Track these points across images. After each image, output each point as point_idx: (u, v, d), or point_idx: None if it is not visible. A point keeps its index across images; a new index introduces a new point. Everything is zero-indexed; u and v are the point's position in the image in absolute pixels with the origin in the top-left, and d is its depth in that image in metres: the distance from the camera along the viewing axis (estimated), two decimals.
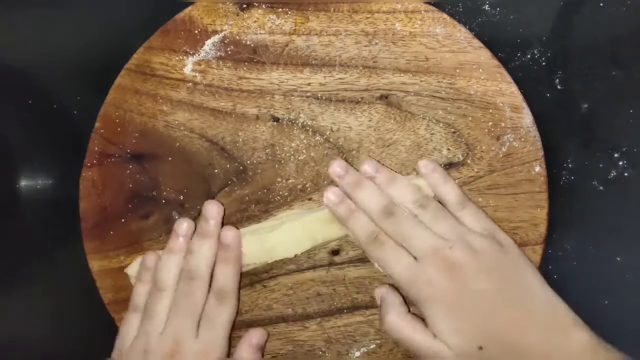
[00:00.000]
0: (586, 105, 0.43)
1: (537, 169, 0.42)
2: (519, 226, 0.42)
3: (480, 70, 0.41)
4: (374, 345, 0.44)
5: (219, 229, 0.42)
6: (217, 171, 0.44)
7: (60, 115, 0.48)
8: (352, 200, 0.41)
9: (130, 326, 0.43)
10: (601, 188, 0.43)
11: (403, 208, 0.40)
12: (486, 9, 0.43)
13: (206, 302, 0.41)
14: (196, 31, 0.43)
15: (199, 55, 0.43)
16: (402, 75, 0.42)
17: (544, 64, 0.43)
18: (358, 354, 0.44)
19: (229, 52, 0.43)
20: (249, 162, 0.44)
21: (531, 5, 0.43)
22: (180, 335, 0.40)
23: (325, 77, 0.43)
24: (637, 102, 0.42)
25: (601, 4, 0.42)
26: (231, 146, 0.44)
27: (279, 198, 0.44)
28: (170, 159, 0.44)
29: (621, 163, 0.42)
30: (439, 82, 0.42)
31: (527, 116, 0.41)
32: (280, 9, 0.43)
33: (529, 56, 0.43)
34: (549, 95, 0.43)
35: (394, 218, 0.39)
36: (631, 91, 0.42)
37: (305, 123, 0.43)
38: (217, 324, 0.41)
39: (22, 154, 0.49)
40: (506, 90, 0.41)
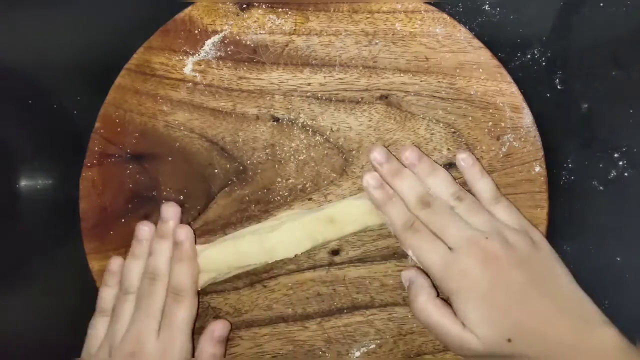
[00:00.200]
0: (586, 105, 0.43)
1: (537, 169, 0.42)
2: None
3: (480, 70, 0.41)
4: (374, 345, 0.44)
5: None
6: (217, 171, 0.44)
7: (60, 115, 0.47)
8: (390, 187, 0.41)
9: (97, 329, 0.43)
10: (601, 188, 0.43)
11: (440, 199, 0.40)
12: (486, 9, 0.43)
13: (165, 301, 0.42)
14: (196, 31, 0.43)
15: (199, 55, 0.43)
16: (402, 75, 0.42)
17: (544, 64, 0.43)
18: (358, 354, 0.44)
19: (229, 52, 0.43)
20: (249, 162, 0.44)
21: (531, 5, 0.43)
22: (142, 335, 0.41)
23: (325, 77, 0.43)
24: (637, 102, 0.42)
25: (601, 4, 0.42)
26: (231, 146, 0.44)
27: (279, 198, 0.44)
28: (170, 159, 0.44)
29: (621, 163, 0.42)
30: (439, 82, 0.42)
31: (527, 116, 0.41)
32: (280, 9, 0.43)
33: (529, 56, 0.43)
34: (549, 95, 0.43)
35: (430, 208, 0.40)
36: (631, 91, 0.42)
37: (305, 123, 0.43)
38: (175, 322, 0.41)
39: (22, 154, 0.49)
40: (506, 90, 0.41)
